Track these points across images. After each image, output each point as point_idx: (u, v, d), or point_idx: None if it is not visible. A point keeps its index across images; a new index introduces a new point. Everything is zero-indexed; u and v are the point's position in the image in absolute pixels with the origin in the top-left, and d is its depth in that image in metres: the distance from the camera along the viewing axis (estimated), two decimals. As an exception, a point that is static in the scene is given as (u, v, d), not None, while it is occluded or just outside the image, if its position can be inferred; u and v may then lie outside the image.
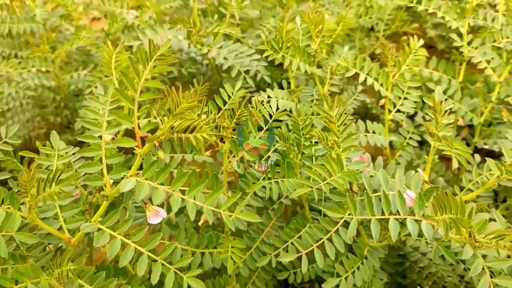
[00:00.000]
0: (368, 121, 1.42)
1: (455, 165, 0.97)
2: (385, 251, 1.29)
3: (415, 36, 1.35)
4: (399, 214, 0.85)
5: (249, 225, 1.26)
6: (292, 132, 1.11)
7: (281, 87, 1.51)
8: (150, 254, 0.87)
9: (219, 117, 1.02)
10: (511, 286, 0.86)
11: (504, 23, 1.47)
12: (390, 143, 1.47)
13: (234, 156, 1.05)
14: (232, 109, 1.00)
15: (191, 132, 0.78)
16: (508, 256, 0.84)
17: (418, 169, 1.02)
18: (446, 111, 1.03)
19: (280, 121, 1.28)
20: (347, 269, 1.09)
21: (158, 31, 1.58)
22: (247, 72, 1.72)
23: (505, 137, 1.25)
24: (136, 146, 0.83)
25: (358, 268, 1.11)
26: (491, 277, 0.85)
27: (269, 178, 1.09)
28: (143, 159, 0.84)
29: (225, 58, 1.63)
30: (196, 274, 0.89)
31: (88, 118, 0.98)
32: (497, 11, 1.57)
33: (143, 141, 0.81)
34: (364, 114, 2.14)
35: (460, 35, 1.43)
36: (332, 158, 0.94)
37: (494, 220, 1.05)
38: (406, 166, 1.49)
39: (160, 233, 0.88)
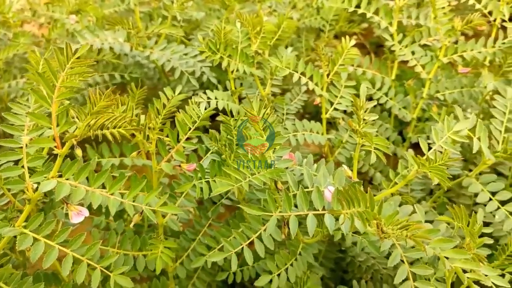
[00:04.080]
0: (305, 120, 1.45)
1: (373, 159, 1.00)
2: (321, 247, 1.33)
3: (347, 36, 1.38)
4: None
5: (186, 226, 1.27)
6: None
7: (227, 88, 1.52)
8: (75, 255, 0.87)
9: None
10: (427, 274, 0.91)
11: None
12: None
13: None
14: (157, 109, 1.00)
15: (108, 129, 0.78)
16: (413, 246, 0.87)
17: (343, 165, 1.04)
18: (368, 108, 1.06)
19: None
20: (279, 266, 1.10)
21: (98, 34, 1.56)
22: (192, 73, 1.73)
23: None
24: (55, 147, 0.83)
25: (291, 264, 1.13)
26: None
27: (200, 178, 1.09)
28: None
29: (168, 60, 1.63)
30: (123, 271, 0.89)
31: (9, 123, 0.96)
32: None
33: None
34: (315, 113, 2.18)
35: (391, 34, 1.48)
36: (255, 157, 0.95)
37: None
38: (347, 164, 1.52)
39: (84, 233, 0.88)
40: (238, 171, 0.93)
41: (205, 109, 1.08)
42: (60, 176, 0.82)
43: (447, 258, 0.83)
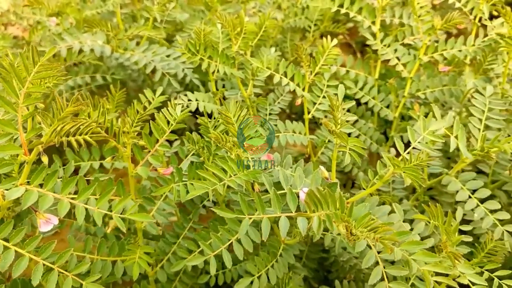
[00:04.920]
0: (287, 121, 1.44)
1: (347, 160, 1.00)
2: (304, 247, 1.32)
3: (329, 36, 1.38)
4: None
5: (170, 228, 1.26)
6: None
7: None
8: (45, 263, 0.86)
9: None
10: (401, 274, 0.90)
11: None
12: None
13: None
14: (137, 111, 0.99)
15: (74, 135, 0.78)
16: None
17: (320, 166, 1.04)
18: (344, 109, 1.06)
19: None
20: (260, 268, 1.10)
21: (77, 36, 1.55)
22: (175, 75, 1.72)
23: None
24: (24, 154, 0.82)
25: (272, 266, 1.12)
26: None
27: (176, 181, 1.08)
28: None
29: (149, 62, 1.62)
30: (95, 279, 0.88)
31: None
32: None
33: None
34: (301, 113, 2.18)
35: (373, 34, 1.48)
36: (230, 159, 0.94)
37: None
38: (330, 163, 1.52)
39: (54, 241, 0.87)
40: (213, 174, 0.92)
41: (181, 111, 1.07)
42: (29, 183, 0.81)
43: (415, 260, 0.83)
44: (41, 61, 0.83)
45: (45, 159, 0.79)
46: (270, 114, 1.58)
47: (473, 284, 0.91)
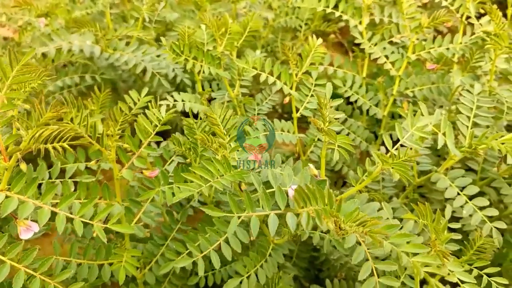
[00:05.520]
0: (276, 120, 1.44)
1: (336, 158, 0.99)
2: (293, 246, 1.32)
3: (314, 35, 1.37)
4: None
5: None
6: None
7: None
8: (27, 270, 0.84)
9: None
10: (391, 269, 0.90)
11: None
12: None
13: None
14: (114, 116, 0.98)
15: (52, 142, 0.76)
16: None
17: (309, 164, 1.04)
18: (332, 107, 1.05)
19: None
20: (249, 268, 1.09)
21: (65, 37, 1.54)
22: (165, 75, 1.71)
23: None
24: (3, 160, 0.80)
25: (261, 266, 1.11)
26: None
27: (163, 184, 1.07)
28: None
29: (140, 62, 1.61)
30: (78, 286, 0.87)
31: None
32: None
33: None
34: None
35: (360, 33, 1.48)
36: (216, 160, 0.94)
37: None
38: (320, 162, 1.52)
39: (36, 248, 0.85)
40: (199, 176, 0.91)
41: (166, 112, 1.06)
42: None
43: (406, 253, 0.83)
44: (19, 65, 0.81)
45: (23, 166, 0.78)
46: (258, 114, 1.58)
47: (462, 282, 0.91)
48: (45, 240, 1.58)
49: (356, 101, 1.53)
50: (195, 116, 1.40)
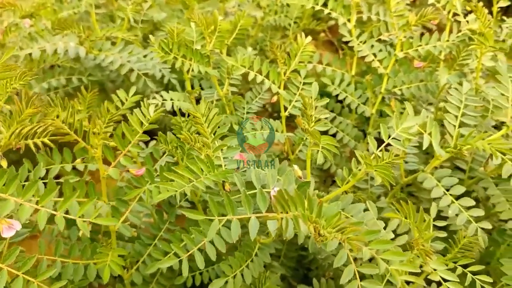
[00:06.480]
0: (264, 118, 1.43)
1: (319, 159, 0.99)
2: (281, 246, 1.31)
3: (303, 33, 1.37)
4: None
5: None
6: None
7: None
8: (10, 269, 0.84)
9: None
10: (373, 273, 0.90)
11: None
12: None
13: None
14: (101, 115, 0.98)
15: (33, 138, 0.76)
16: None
17: (293, 165, 1.03)
18: (316, 107, 1.05)
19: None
20: (234, 268, 1.09)
21: (50, 38, 1.53)
22: (152, 75, 1.70)
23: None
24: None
25: (247, 266, 1.11)
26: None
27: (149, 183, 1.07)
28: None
29: (126, 62, 1.60)
30: (61, 285, 0.86)
31: None
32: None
33: None
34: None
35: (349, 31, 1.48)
36: (200, 160, 0.93)
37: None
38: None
39: (18, 247, 0.85)
40: (182, 175, 0.90)
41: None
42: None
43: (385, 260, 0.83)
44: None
45: (4, 163, 0.77)
46: (247, 112, 1.57)
47: (445, 280, 0.91)
48: (33, 242, 1.57)
49: (344, 99, 1.53)
50: (183, 115, 1.39)
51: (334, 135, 1.55)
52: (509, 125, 1.10)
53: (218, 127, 1.02)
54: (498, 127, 1.30)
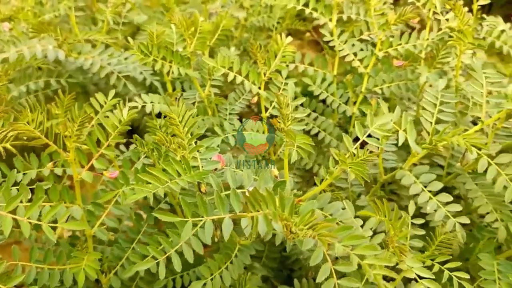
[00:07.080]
0: (244, 119, 1.43)
1: (294, 158, 0.99)
2: (262, 247, 1.31)
3: (283, 34, 1.37)
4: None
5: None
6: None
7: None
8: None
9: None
10: (349, 271, 0.89)
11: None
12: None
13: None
14: (72, 117, 0.97)
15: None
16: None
17: (270, 165, 1.03)
18: (292, 106, 1.05)
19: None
20: (213, 270, 1.08)
21: (26, 42, 1.51)
22: (134, 78, 1.69)
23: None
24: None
25: (226, 268, 1.10)
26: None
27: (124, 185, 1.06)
28: None
29: (105, 65, 1.59)
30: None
31: None
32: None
33: None
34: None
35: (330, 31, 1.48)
36: (175, 161, 0.92)
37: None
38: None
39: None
40: (155, 176, 0.90)
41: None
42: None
43: (357, 255, 0.83)
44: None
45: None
46: (230, 114, 1.57)
47: (421, 277, 0.91)
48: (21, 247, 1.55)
49: (326, 99, 1.53)
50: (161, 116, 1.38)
51: (316, 135, 1.55)
52: (483, 120, 1.10)
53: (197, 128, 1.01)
54: (476, 123, 1.30)
